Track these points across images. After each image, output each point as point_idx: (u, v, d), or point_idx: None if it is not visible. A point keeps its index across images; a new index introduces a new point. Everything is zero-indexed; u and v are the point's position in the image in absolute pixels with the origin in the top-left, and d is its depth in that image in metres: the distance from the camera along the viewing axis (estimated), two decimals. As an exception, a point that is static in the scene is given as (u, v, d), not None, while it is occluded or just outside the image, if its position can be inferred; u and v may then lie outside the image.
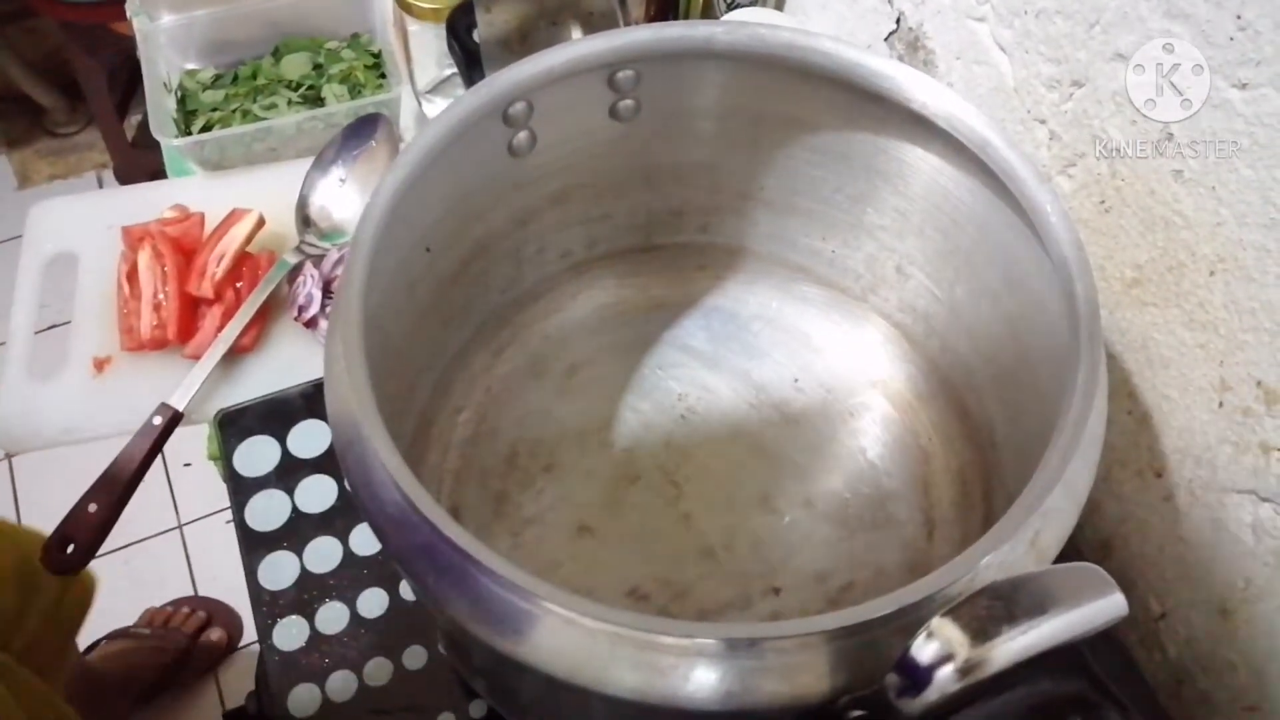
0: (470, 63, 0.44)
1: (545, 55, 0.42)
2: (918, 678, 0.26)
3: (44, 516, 0.64)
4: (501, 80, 0.42)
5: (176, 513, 1.44)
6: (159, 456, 0.61)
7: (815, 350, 0.56)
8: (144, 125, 1.77)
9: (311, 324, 0.66)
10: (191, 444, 0.61)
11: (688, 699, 0.30)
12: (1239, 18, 0.40)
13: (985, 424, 0.50)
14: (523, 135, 0.46)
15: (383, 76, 0.78)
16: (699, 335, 0.57)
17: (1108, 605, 0.27)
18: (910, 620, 0.29)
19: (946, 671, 0.26)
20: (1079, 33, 0.48)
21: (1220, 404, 0.47)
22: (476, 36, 0.44)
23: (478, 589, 0.31)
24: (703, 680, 0.30)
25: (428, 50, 0.75)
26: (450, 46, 0.45)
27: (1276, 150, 0.40)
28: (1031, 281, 0.43)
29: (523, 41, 0.43)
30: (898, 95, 0.43)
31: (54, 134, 1.77)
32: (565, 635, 0.31)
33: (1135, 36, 0.45)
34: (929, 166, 0.46)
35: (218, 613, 1.28)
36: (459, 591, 0.32)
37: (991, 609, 0.26)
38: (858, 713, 0.29)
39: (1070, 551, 0.34)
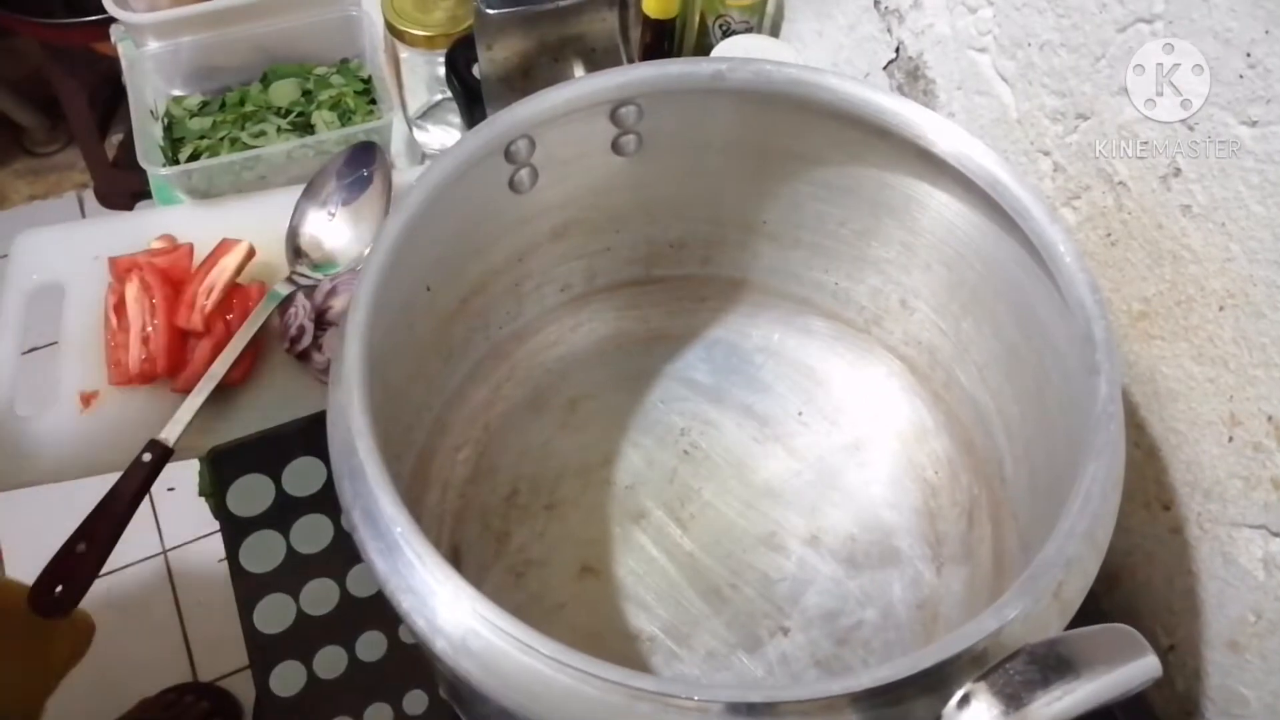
0: (470, 99, 0.43)
1: (548, 93, 0.42)
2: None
3: (19, 557, 0.63)
4: (504, 119, 0.41)
5: (160, 538, 1.42)
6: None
7: (819, 383, 0.56)
8: (125, 145, 1.76)
9: (304, 356, 0.65)
10: (174, 470, 0.59)
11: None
12: (1249, 55, 0.40)
13: (993, 457, 0.50)
14: (524, 172, 0.45)
15: (373, 102, 0.77)
16: (701, 368, 0.57)
17: (1142, 667, 0.26)
18: (935, 680, 0.29)
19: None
20: (1084, 65, 0.48)
21: (1230, 438, 0.47)
22: (477, 72, 0.43)
23: (490, 649, 0.30)
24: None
25: (418, 76, 0.74)
26: (449, 82, 0.44)
27: (1289, 187, 0.40)
28: (1040, 316, 0.43)
29: (524, 77, 0.42)
30: (905, 131, 0.43)
31: (33, 153, 1.75)
32: (575, 695, 0.30)
33: (1140, 72, 0.45)
34: (935, 202, 0.46)
35: (222, 705, 1.23)
36: (466, 652, 0.31)
37: (1026, 674, 0.26)
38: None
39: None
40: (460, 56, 0.43)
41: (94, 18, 1.36)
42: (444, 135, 0.75)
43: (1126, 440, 0.53)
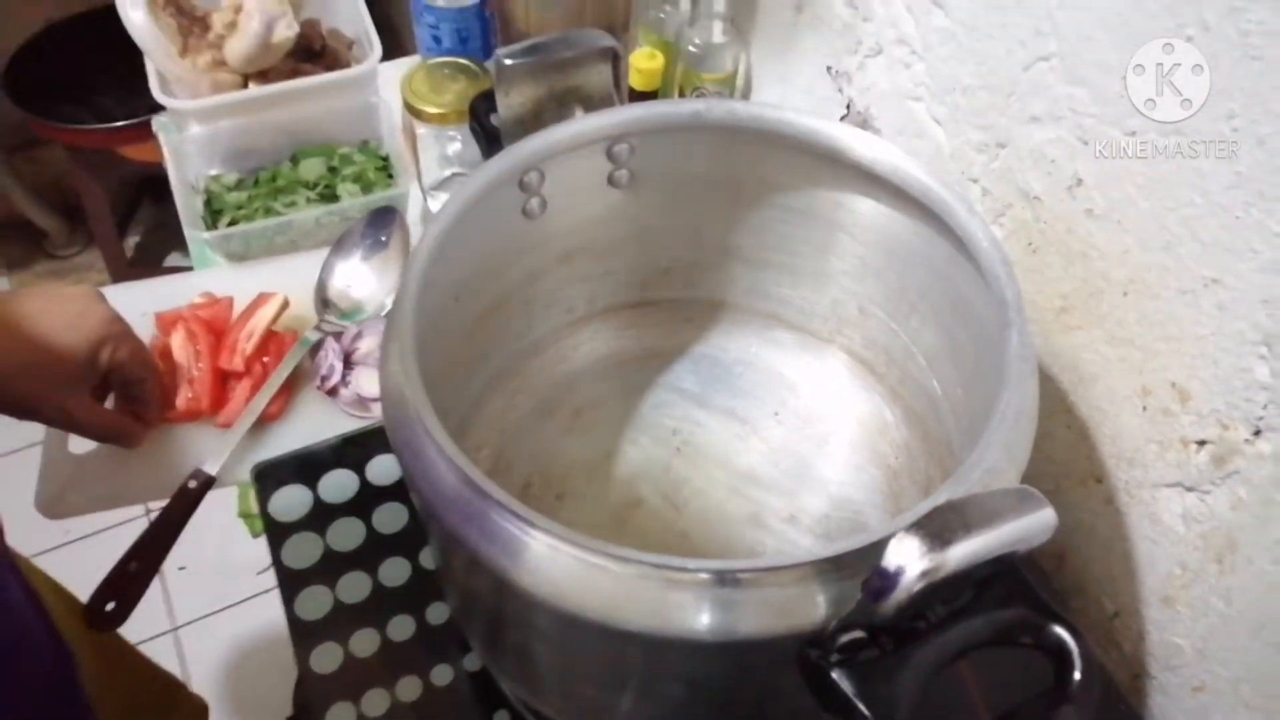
0: (490, 141, 0.51)
1: (554, 130, 0.51)
2: (886, 583, 0.32)
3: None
4: (518, 151, 0.50)
5: (170, 616, 1.46)
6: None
7: (790, 387, 0.63)
8: (141, 245, 1.86)
9: (333, 392, 0.72)
10: (187, 548, 0.65)
11: (689, 631, 0.36)
12: (1123, 79, 0.49)
13: (944, 440, 0.57)
14: (535, 200, 0.54)
15: (390, 176, 0.87)
16: (689, 379, 0.64)
17: (1041, 518, 0.34)
18: (878, 552, 0.36)
19: (910, 575, 0.32)
20: (999, 102, 0.57)
21: (1144, 408, 0.55)
22: (495, 120, 0.52)
23: (516, 541, 0.37)
24: (702, 612, 0.36)
25: (432, 152, 0.84)
26: (473, 129, 0.53)
27: (1166, 184, 0.49)
28: (969, 300, 0.51)
29: (535, 121, 0.51)
30: (848, 154, 0.52)
31: (54, 256, 1.85)
32: (598, 577, 0.37)
33: (1044, 101, 0.54)
34: (880, 215, 0.54)
35: None
36: (500, 546, 0.37)
37: (945, 522, 0.33)
38: (854, 634, 0.35)
39: (1029, 563, 0.40)
40: (482, 106, 0.52)
41: (121, 123, 1.47)
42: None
43: (1059, 424, 0.61)
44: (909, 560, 0.32)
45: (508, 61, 0.48)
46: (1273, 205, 0.44)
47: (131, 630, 0.67)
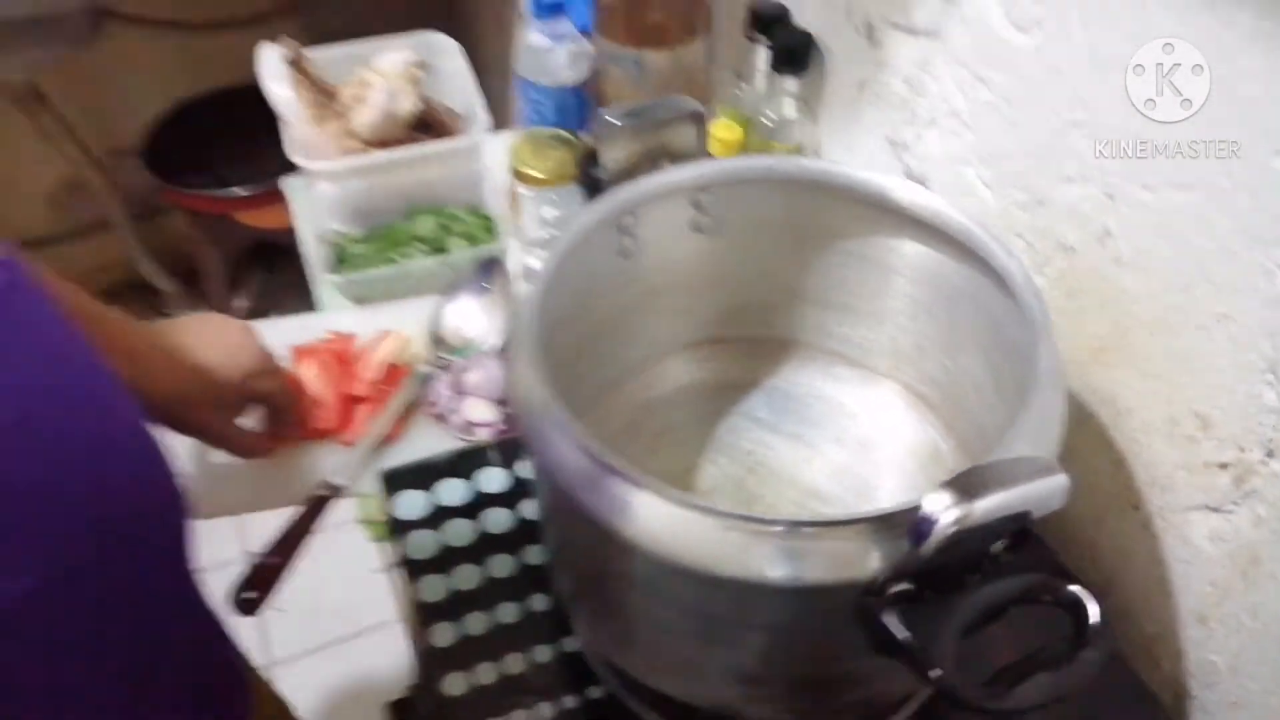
0: (594, 189, 0.61)
1: (646, 180, 0.60)
2: (924, 528, 0.40)
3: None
4: (616, 196, 0.60)
5: (268, 652, 1.55)
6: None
7: (851, 416, 0.71)
8: (252, 310, 2.01)
9: (442, 418, 0.82)
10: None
11: (764, 577, 0.43)
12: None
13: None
14: (629, 241, 0.63)
15: (493, 234, 0.97)
16: (762, 409, 0.72)
17: (1055, 482, 0.41)
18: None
19: (944, 521, 0.39)
20: (1037, 165, 0.65)
21: (1172, 436, 0.61)
22: (598, 172, 0.61)
23: (624, 499, 0.45)
24: (776, 561, 0.43)
25: (532, 212, 0.94)
26: (581, 181, 0.63)
27: (1180, 231, 0.56)
28: (1008, 334, 0.58)
29: (632, 173, 0.60)
30: (898, 202, 0.60)
31: (167, 315, 2.00)
32: (693, 528, 0.44)
33: (1075, 163, 0.62)
34: (928, 258, 0.62)
35: None
36: (611, 503, 0.45)
37: (973, 480, 0.40)
38: (903, 585, 0.43)
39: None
40: (588, 162, 0.62)
41: (243, 190, 1.63)
42: (549, 257, 0.95)
43: (1101, 458, 0.67)
44: (942, 508, 0.40)
45: (613, 121, 0.58)
46: (1270, 247, 0.51)
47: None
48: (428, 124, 1.06)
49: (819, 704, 0.53)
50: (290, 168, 0.96)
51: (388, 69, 0.99)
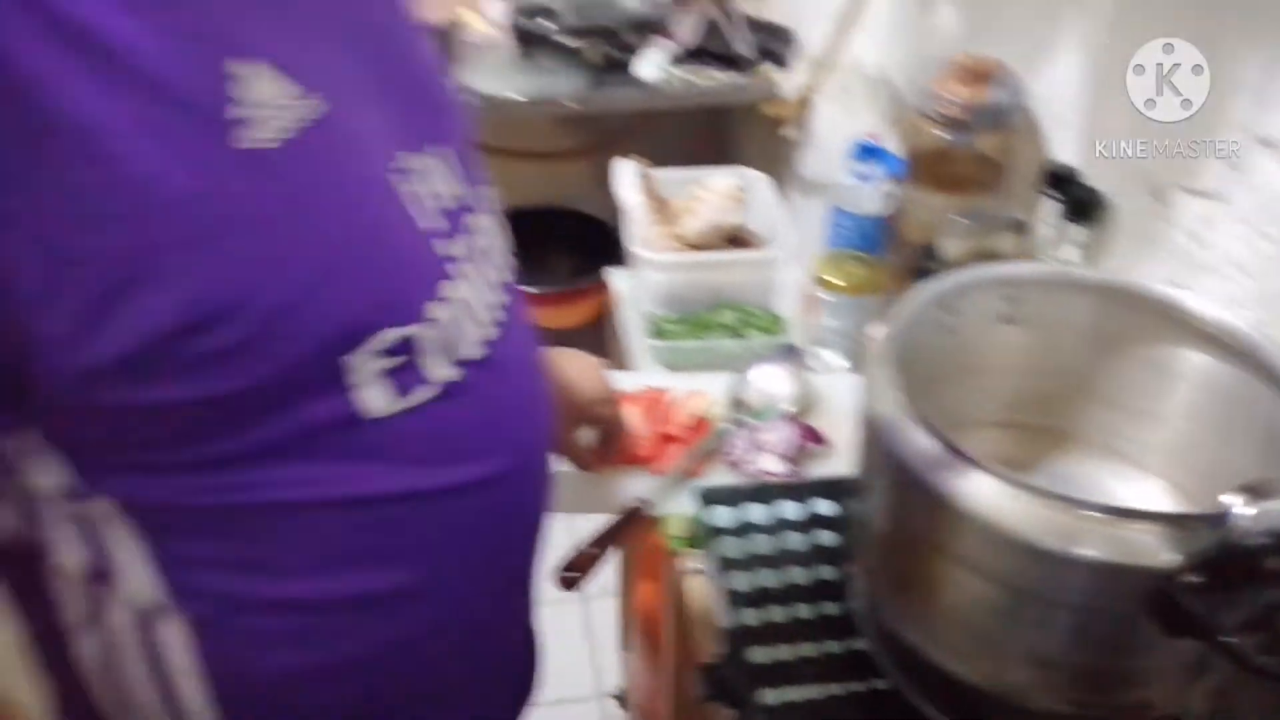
0: (926, 275, 0.76)
1: (963, 273, 0.75)
2: (1221, 522, 0.50)
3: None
4: (938, 284, 0.74)
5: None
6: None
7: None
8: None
9: (736, 466, 0.96)
10: None
11: (1079, 555, 0.54)
12: None
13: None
14: (949, 319, 0.77)
15: (782, 330, 1.14)
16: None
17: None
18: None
19: (1237, 514, 0.50)
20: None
21: None
22: (932, 265, 0.77)
23: (973, 482, 0.58)
24: (1091, 542, 0.54)
25: (824, 314, 1.10)
26: (920, 267, 0.78)
27: None
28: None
29: (959, 266, 0.75)
30: (1193, 314, 0.72)
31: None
32: (1035, 508, 0.56)
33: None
34: (1214, 366, 0.73)
35: None
36: (947, 479, 0.58)
37: (1265, 485, 0.51)
38: (1199, 576, 0.52)
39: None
40: (925, 251, 0.77)
41: (559, 288, 1.87)
42: (833, 358, 1.10)
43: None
44: (1238, 505, 0.50)
45: (958, 220, 0.73)
46: None
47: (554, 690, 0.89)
48: (734, 237, 1.26)
49: (1098, 697, 0.61)
50: (579, 275, 1.17)
51: (719, 188, 1.19)
